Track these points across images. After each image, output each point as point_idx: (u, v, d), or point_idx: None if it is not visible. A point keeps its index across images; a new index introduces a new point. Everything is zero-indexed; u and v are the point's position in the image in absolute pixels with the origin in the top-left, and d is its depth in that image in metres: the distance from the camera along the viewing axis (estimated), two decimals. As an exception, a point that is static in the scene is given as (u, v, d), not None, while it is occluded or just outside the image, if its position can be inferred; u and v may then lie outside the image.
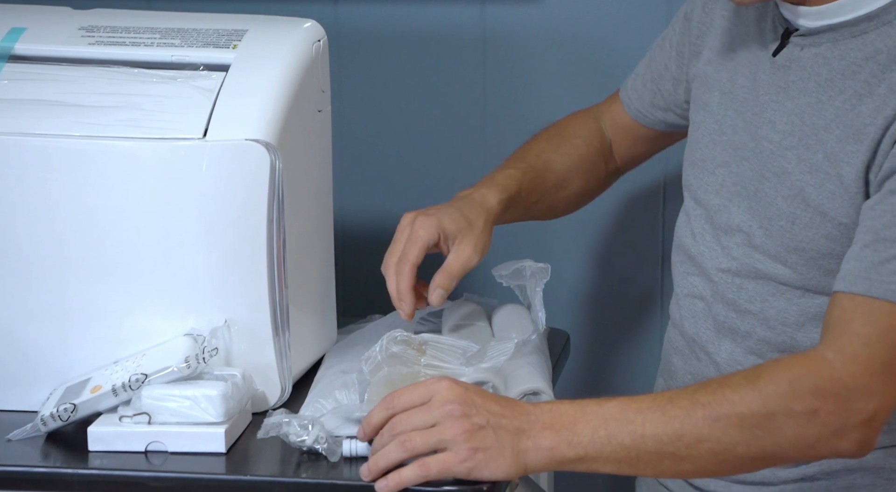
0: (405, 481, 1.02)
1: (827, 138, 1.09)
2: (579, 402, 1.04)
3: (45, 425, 1.12)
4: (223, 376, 1.13)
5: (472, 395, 1.03)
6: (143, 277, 1.16)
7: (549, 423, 1.01)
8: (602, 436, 1.01)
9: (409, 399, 1.04)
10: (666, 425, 1.01)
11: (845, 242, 1.09)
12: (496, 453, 1.01)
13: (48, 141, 1.15)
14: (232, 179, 1.14)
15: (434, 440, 1.02)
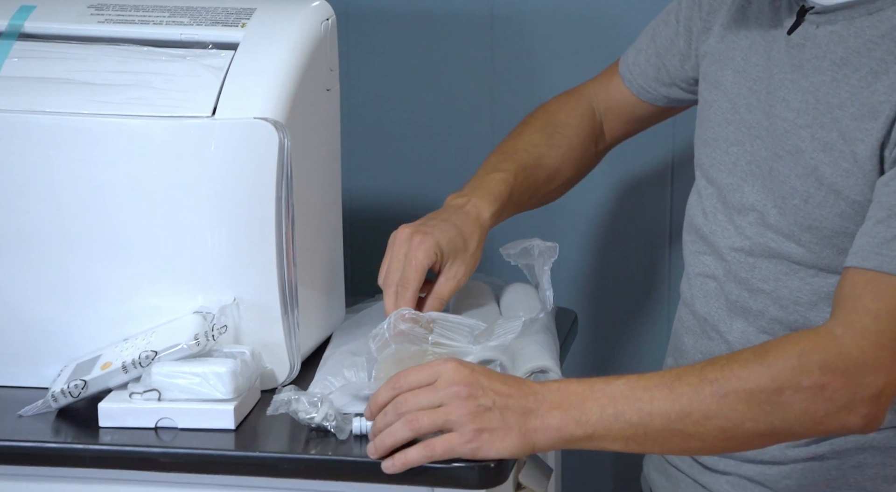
0: (410, 460, 1.02)
1: (842, 116, 1.09)
2: (587, 380, 1.04)
3: (56, 402, 1.13)
4: (232, 353, 1.14)
5: (478, 376, 1.03)
6: (153, 255, 1.16)
7: (557, 402, 1.02)
8: (610, 414, 1.01)
9: (415, 379, 1.04)
10: (674, 402, 1.01)
11: (859, 220, 1.09)
12: (502, 433, 1.02)
13: (58, 119, 1.15)
14: (241, 157, 1.14)
15: (440, 421, 1.02)
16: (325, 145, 1.27)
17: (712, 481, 1.21)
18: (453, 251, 1.19)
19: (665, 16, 1.30)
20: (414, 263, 1.17)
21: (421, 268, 1.17)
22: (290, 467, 1.06)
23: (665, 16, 1.30)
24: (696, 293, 1.22)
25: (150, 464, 1.08)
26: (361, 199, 1.57)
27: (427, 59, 1.56)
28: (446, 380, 1.03)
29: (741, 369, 1.01)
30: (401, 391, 1.04)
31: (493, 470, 1.04)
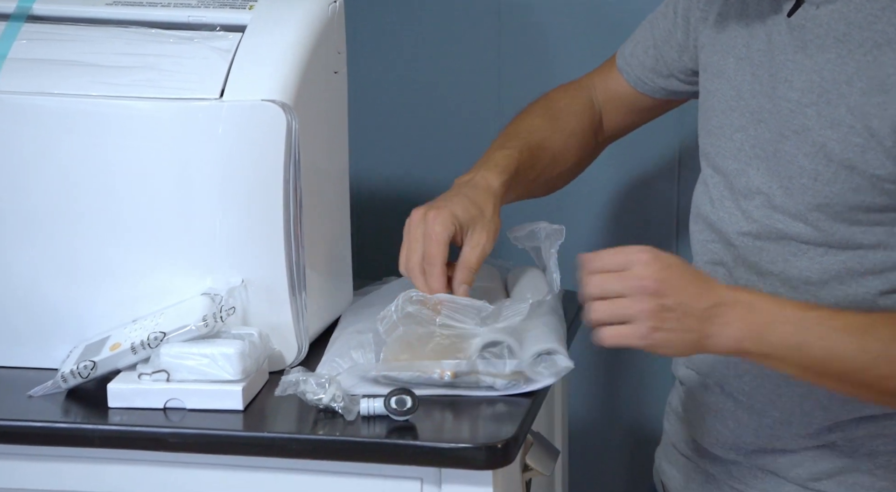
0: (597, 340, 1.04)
1: (849, 92, 1.09)
2: (780, 301, 1.05)
3: (66, 382, 1.13)
4: (240, 334, 1.14)
5: (669, 273, 1.03)
6: (161, 236, 1.16)
7: (744, 316, 1.02)
8: (794, 343, 1.02)
9: (607, 263, 1.04)
10: (860, 352, 1.02)
11: (877, 193, 1.09)
12: (678, 336, 1.02)
13: (66, 101, 1.15)
14: (248, 140, 1.15)
15: (619, 313, 1.03)
16: (333, 128, 1.27)
17: (723, 471, 1.22)
18: (470, 219, 1.17)
19: (663, 8, 1.30)
20: (434, 237, 1.16)
21: (442, 241, 1.16)
22: (298, 448, 1.07)
23: (663, 8, 1.30)
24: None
25: (159, 444, 1.08)
26: (369, 181, 1.57)
27: (435, 42, 1.56)
28: (636, 274, 1.03)
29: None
30: (591, 271, 1.04)
31: (500, 451, 1.05)
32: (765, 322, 1.03)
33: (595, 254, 1.06)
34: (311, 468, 1.08)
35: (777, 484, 1.18)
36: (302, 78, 1.17)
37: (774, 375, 1.16)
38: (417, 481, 1.07)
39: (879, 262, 1.12)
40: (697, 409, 1.23)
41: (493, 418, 1.10)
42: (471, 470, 1.05)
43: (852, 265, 1.12)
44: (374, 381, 1.13)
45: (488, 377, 1.12)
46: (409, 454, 1.05)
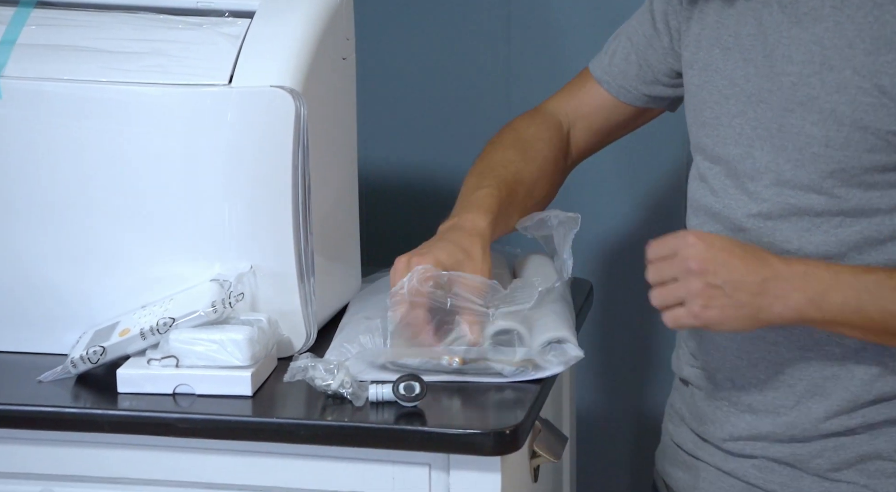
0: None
1: (853, 55, 1.09)
2: (834, 268, 1.08)
3: (75, 368, 1.14)
4: (249, 320, 1.14)
5: (715, 252, 1.07)
6: (170, 222, 1.16)
7: (800, 286, 1.06)
8: (853, 307, 1.06)
9: (659, 250, 1.10)
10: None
11: (892, 150, 1.10)
12: (731, 312, 1.06)
13: (74, 87, 1.15)
14: (257, 126, 1.15)
15: (672, 296, 1.09)
16: (342, 114, 1.27)
17: (737, 468, 1.20)
18: (456, 264, 1.15)
19: (638, 16, 1.30)
20: None
21: None
22: (306, 434, 1.07)
23: (638, 16, 1.30)
24: None
25: (168, 429, 1.08)
26: (377, 168, 1.57)
27: (444, 28, 1.55)
28: (682, 256, 1.08)
29: None
30: (650, 261, 1.10)
31: (509, 438, 1.05)
32: (821, 290, 1.07)
33: (652, 243, 1.10)
34: (319, 454, 1.08)
35: (796, 476, 1.17)
36: (311, 64, 1.17)
37: (792, 360, 1.16)
38: (426, 467, 1.07)
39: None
40: (708, 406, 1.22)
41: (501, 405, 1.10)
42: (479, 456, 1.05)
43: (870, 234, 1.12)
44: (383, 367, 1.13)
45: (497, 364, 1.12)
46: (417, 440, 1.05)
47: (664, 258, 1.10)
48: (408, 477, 1.08)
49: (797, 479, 1.17)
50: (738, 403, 1.20)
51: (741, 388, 1.19)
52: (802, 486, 1.17)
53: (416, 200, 1.58)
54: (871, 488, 1.15)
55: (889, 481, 1.15)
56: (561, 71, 1.42)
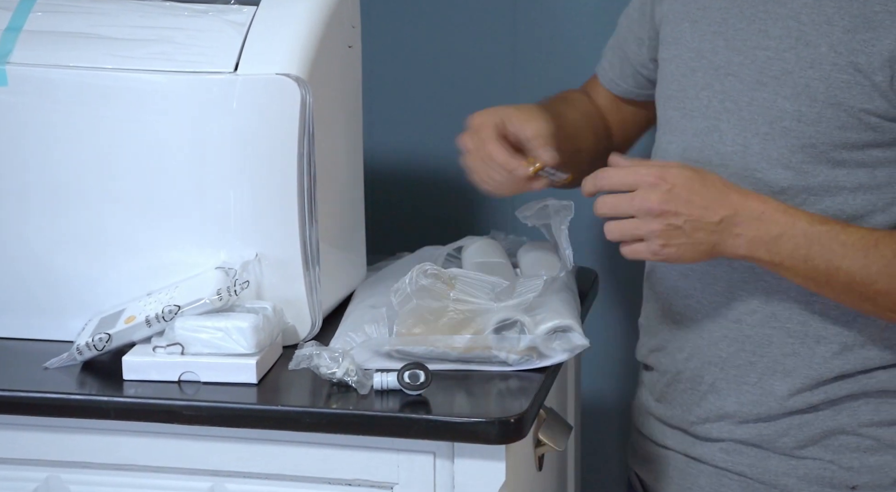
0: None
1: (830, 31, 1.10)
2: (791, 213, 1.09)
3: (81, 355, 1.14)
4: (254, 308, 1.14)
5: (675, 194, 1.07)
6: (176, 210, 1.17)
7: (755, 227, 1.08)
8: (801, 255, 1.08)
9: (615, 182, 1.10)
10: (864, 268, 1.07)
11: (862, 128, 1.10)
12: (689, 249, 1.09)
13: (80, 74, 1.15)
14: (263, 113, 1.14)
15: (630, 233, 1.10)
16: (347, 102, 1.27)
17: (705, 452, 1.21)
18: (516, 109, 1.19)
19: (628, 8, 1.30)
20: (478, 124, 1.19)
21: (487, 125, 1.19)
22: (311, 421, 1.07)
23: (628, 8, 1.30)
24: None
25: (173, 417, 1.09)
26: (383, 156, 1.57)
27: (449, 16, 1.55)
28: (642, 197, 1.08)
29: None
30: (600, 189, 1.10)
31: (513, 426, 1.05)
32: (775, 235, 1.08)
33: (606, 172, 1.10)
34: (324, 442, 1.09)
35: (763, 457, 1.18)
36: (316, 52, 1.16)
37: (753, 337, 1.17)
38: (430, 455, 1.08)
39: (860, 206, 1.13)
40: (672, 390, 1.23)
41: (506, 393, 1.10)
42: (484, 444, 1.05)
43: (834, 212, 1.13)
44: (388, 355, 1.14)
45: (502, 352, 1.12)
46: (422, 428, 1.06)
47: (621, 192, 1.09)
48: (412, 465, 1.08)
49: (764, 459, 1.18)
50: (701, 383, 1.20)
51: (703, 367, 1.20)
52: (770, 465, 1.18)
53: (422, 189, 1.58)
54: (836, 462, 1.17)
55: (853, 455, 1.16)
56: (566, 60, 1.42)
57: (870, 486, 1.16)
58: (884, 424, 1.16)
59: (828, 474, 1.17)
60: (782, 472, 1.18)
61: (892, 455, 1.16)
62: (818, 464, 1.17)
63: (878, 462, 1.16)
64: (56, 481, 1.13)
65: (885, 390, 1.16)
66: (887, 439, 1.16)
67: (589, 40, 1.46)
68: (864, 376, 1.16)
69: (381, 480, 1.09)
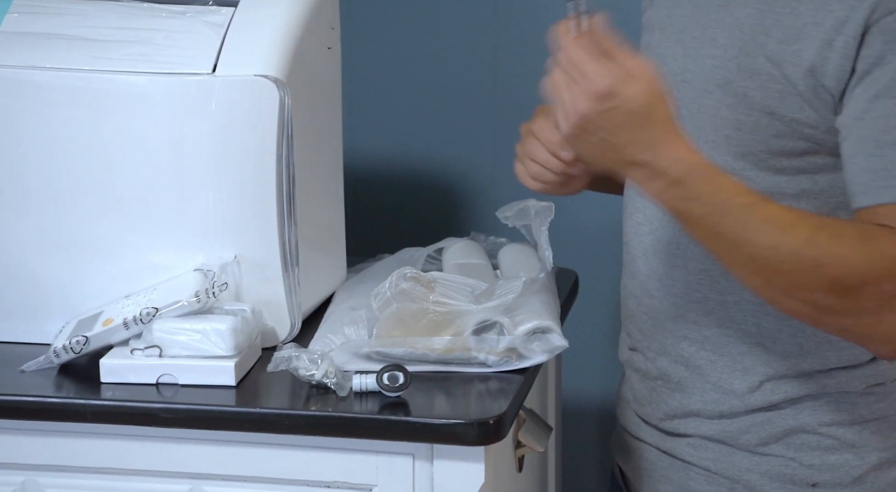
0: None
1: (767, 42, 1.11)
2: (717, 182, 1.04)
3: (58, 357, 1.13)
4: (233, 310, 1.14)
5: (612, 115, 1.03)
6: (154, 212, 1.16)
7: (676, 177, 1.04)
8: (711, 217, 1.04)
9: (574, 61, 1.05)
10: (771, 244, 1.04)
11: (797, 137, 1.11)
12: (601, 154, 1.05)
13: (58, 75, 1.15)
14: (241, 115, 1.14)
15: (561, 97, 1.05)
16: (327, 104, 1.26)
17: (673, 446, 1.23)
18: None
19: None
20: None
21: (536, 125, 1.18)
22: (290, 424, 1.07)
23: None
24: (636, 252, 1.23)
25: (151, 419, 1.08)
26: (363, 158, 1.57)
27: (430, 18, 1.55)
28: (576, 97, 1.04)
29: (840, 247, 1.04)
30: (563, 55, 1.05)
31: (493, 427, 1.05)
32: (693, 195, 1.05)
33: (572, 49, 1.06)
34: (302, 444, 1.08)
35: (727, 452, 1.20)
36: (295, 53, 1.16)
37: (711, 337, 1.18)
38: (409, 457, 1.07)
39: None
40: (644, 388, 1.25)
41: (485, 395, 1.10)
42: (463, 446, 1.05)
43: None
44: (367, 357, 1.13)
45: (481, 354, 1.12)
46: (400, 430, 1.05)
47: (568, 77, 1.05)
48: (391, 467, 1.08)
49: (728, 455, 1.20)
50: (668, 381, 1.22)
51: (669, 366, 1.21)
52: (734, 461, 1.19)
53: (402, 191, 1.58)
54: (797, 460, 1.18)
55: (814, 454, 1.18)
56: (547, 60, 1.41)
57: (831, 484, 1.18)
58: (845, 423, 1.17)
59: (789, 471, 1.18)
60: (746, 468, 1.19)
61: (852, 454, 1.17)
62: (780, 461, 1.18)
63: (839, 461, 1.18)
64: (33, 484, 1.13)
65: (846, 390, 1.17)
66: (848, 438, 1.17)
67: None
68: (824, 376, 1.17)
69: (360, 482, 1.08)
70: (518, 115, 1.38)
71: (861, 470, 1.17)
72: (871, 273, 1.04)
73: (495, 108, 1.37)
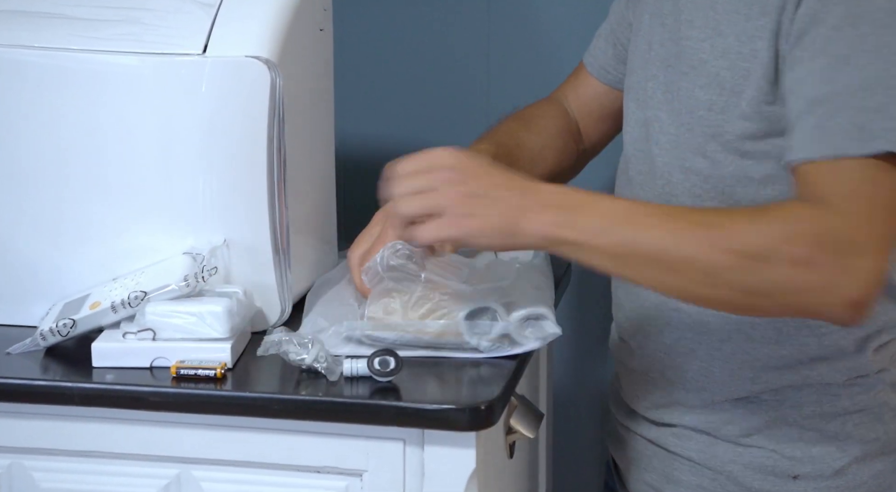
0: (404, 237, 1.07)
1: (737, 20, 1.11)
2: (591, 193, 1.05)
3: (45, 340, 1.12)
4: (226, 292, 1.13)
5: (475, 164, 1.04)
6: (142, 194, 1.15)
7: (556, 202, 1.03)
8: (602, 227, 1.02)
9: (413, 165, 1.05)
10: (666, 234, 1.02)
11: (759, 118, 1.10)
12: (491, 222, 1.03)
13: (44, 54, 1.13)
14: (232, 96, 1.13)
15: (429, 205, 1.04)
16: (318, 86, 1.25)
17: (659, 436, 1.23)
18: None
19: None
20: (382, 238, 1.16)
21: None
22: (280, 408, 1.06)
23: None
24: None
25: (139, 403, 1.07)
26: (355, 142, 1.56)
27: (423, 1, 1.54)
28: (442, 167, 1.04)
29: (735, 224, 1.02)
30: (398, 176, 1.05)
31: (484, 413, 1.04)
32: (575, 206, 1.03)
33: (401, 161, 1.06)
34: (293, 429, 1.07)
35: (710, 443, 1.19)
36: (287, 34, 1.15)
37: (692, 324, 1.17)
38: (400, 443, 1.07)
39: (771, 197, 1.12)
40: (631, 377, 1.25)
41: (477, 380, 1.09)
42: (454, 431, 1.05)
43: (747, 203, 1.12)
44: (359, 341, 1.13)
45: (473, 339, 1.12)
46: (391, 415, 1.05)
47: (416, 173, 1.05)
48: (382, 452, 1.07)
49: (712, 445, 1.19)
50: (651, 370, 1.22)
51: (653, 355, 1.21)
52: (717, 452, 1.19)
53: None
54: (778, 451, 1.18)
55: (795, 446, 1.17)
56: (540, 46, 1.41)
57: (811, 476, 1.17)
58: (827, 415, 1.17)
59: (770, 463, 1.18)
60: (728, 459, 1.19)
61: (835, 446, 1.17)
62: (762, 452, 1.18)
63: (821, 453, 1.17)
64: (19, 467, 1.12)
65: (827, 382, 1.17)
66: (830, 430, 1.17)
67: (564, 29, 1.45)
68: (804, 368, 1.16)
69: (351, 467, 1.08)
70: (511, 99, 1.37)
71: (843, 462, 1.17)
72: (773, 235, 1.01)
73: (488, 91, 1.36)
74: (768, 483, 1.18)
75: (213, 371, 1.08)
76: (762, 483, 1.18)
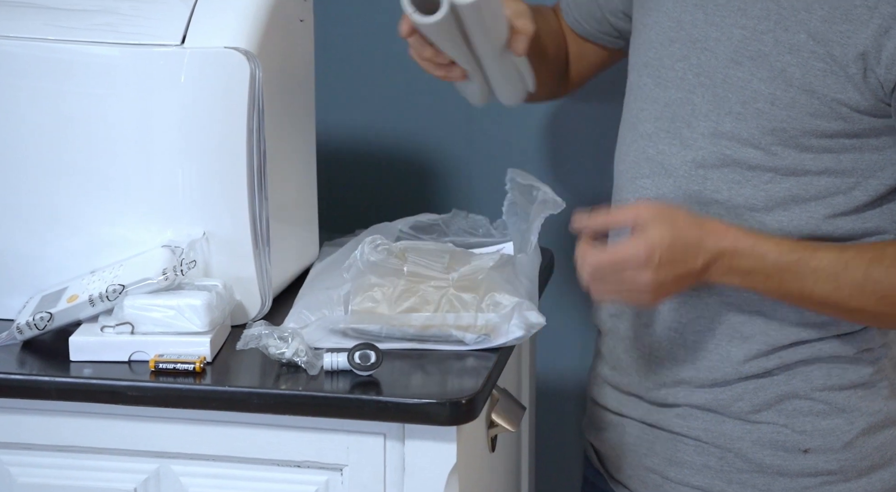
0: None
1: (809, 19, 1.11)
2: (760, 245, 1.12)
3: (21, 334, 1.11)
4: (205, 286, 1.12)
5: (660, 263, 1.10)
6: (121, 186, 1.14)
7: (731, 266, 1.12)
8: (774, 284, 1.13)
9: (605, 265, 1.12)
10: (835, 290, 1.13)
11: (833, 117, 1.12)
12: (676, 293, 1.15)
13: (20, 44, 1.12)
14: (211, 88, 1.12)
15: (619, 301, 1.20)
16: (299, 77, 1.24)
17: (661, 419, 1.22)
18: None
19: None
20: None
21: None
22: (259, 403, 1.06)
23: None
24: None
25: (117, 397, 1.07)
26: (336, 133, 1.55)
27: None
28: (632, 276, 1.11)
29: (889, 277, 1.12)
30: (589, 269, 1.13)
31: (465, 407, 1.04)
32: (747, 270, 1.13)
33: (593, 255, 1.12)
34: (273, 423, 1.07)
35: (718, 421, 1.19)
36: (266, 25, 1.14)
37: (712, 304, 1.18)
38: (381, 437, 1.06)
39: (823, 188, 1.14)
40: (630, 357, 1.23)
41: (458, 374, 1.09)
42: (435, 426, 1.04)
43: (797, 191, 1.15)
44: (343, 333, 1.12)
45: (458, 331, 1.11)
46: (371, 410, 1.04)
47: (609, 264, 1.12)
48: (362, 447, 1.06)
49: (719, 423, 1.19)
50: (659, 348, 1.21)
51: (663, 333, 1.21)
52: (725, 430, 1.19)
53: (375, 166, 1.56)
54: (789, 426, 1.18)
55: (805, 419, 1.18)
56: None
57: (822, 449, 1.18)
58: (836, 388, 1.18)
59: (781, 438, 1.18)
60: (737, 436, 1.19)
61: (843, 419, 1.18)
62: (772, 428, 1.18)
63: (830, 426, 1.18)
64: (-4, 463, 1.11)
65: (838, 355, 1.17)
66: (839, 403, 1.18)
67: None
68: (819, 342, 1.17)
69: (331, 461, 1.07)
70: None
71: (851, 435, 1.18)
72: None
73: (472, 83, 1.35)
74: (779, 458, 1.18)
75: (192, 365, 1.07)
76: (772, 459, 1.18)
